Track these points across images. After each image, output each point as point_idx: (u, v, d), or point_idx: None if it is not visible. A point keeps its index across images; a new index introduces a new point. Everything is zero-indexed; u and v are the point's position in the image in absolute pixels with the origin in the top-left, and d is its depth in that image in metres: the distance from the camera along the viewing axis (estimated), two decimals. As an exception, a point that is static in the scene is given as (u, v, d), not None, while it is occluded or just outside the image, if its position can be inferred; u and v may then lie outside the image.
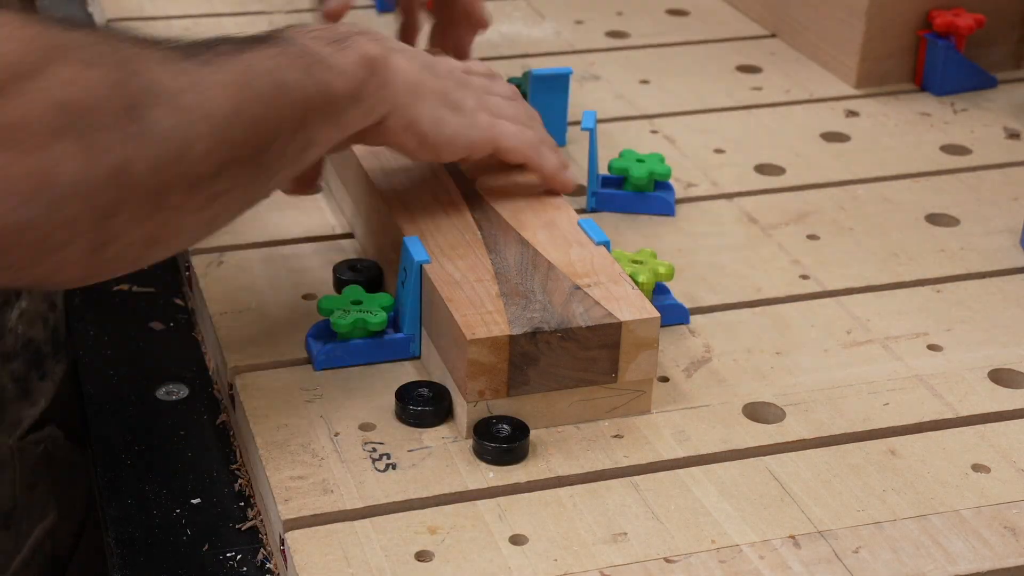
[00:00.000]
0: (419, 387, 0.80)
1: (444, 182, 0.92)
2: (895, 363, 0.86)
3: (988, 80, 1.23)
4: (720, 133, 1.14)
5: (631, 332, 0.77)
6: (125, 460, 0.80)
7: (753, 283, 0.93)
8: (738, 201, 1.04)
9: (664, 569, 0.70)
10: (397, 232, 0.87)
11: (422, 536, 0.71)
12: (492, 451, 0.75)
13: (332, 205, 1.01)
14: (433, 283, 0.80)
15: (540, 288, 0.80)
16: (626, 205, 1.01)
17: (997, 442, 0.79)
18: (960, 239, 1.00)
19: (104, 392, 0.86)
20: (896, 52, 1.23)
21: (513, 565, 0.69)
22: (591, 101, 1.18)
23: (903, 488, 0.75)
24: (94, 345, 0.90)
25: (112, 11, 1.31)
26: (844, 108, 1.19)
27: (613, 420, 0.79)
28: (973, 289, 0.94)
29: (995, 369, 0.86)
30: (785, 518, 0.73)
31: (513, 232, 0.86)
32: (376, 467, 0.75)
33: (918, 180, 1.08)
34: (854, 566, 0.70)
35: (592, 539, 0.71)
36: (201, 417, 0.84)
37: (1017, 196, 1.06)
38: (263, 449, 0.76)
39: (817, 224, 1.01)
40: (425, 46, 1.12)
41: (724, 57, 1.29)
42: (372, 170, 0.93)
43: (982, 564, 0.71)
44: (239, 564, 0.73)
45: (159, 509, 0.76)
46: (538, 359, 0.76)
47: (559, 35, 1.32)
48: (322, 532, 0.71)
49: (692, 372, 0.84)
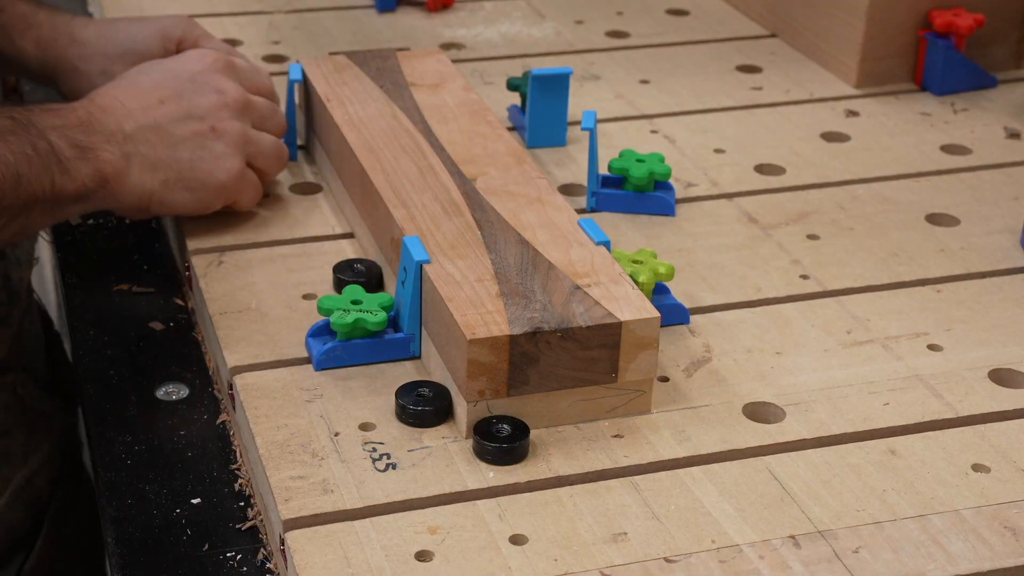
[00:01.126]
0: (419, 387, 0.80)
1: (444, 182, 0.92)
2: (895, 363, 0.86)
3: (988, 80, 1.23)
4: (720, 133, 1.14)
5: (631, 332, 0.77)
6: (125, 460, 0.80)
7: (753, 283, 0.93)
8: (738, 201, 1.04)
9: (664, 569, 0.70)
10: (397, 232, 0.87)
11: (422, 536, 0.71)
12: (492, 451, 0.75)
13: (332, 205, 1.01)
14: (433, 283, 0.80)
15: (540, 288, 0.80)
16: (626, 205, 1.01)
17: (997, 442, 0.79)
18: (960, 239, 1.00)
19: (104, 392, 0.86)
20: (896, 52, 1.23)
21: (513, 565, 0.69)
22: (591, 101, 1.18)
23: (903, 488, 0.75)
24: (94, 345, 0.90)
25: (112, 11, 1.31)
26: (844, 108, 1.19)
27: (613, 420, 0.79)
28: (973, 289, 0.94)
29: (995, 369, 0.85)
30: (785, 518, 0.73)
31: (513, 232, 0.86)
32: (376, 467, 0.75)
33: (918, 180, 1.08)
34: (854, 566, 0.70)
35: (592, 539, 0.71)
36: (201, 417, 0.84)
37: (1017, 196, 1.06)
38: (263, 449, 0.76)
39: (817, 224, 1.01)
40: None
41: (724, 57, 1.29)
42: (372, 170, 0.93)
43: (982, 564, 0.71)
44: (239, 564, 0.73)
45: (159, 509, 0.76)
46: (538, 359, 0.76)
47: (559, 35, 1.32)
48: (322, 532, 0.71)
49: (692, 372, 0.84)
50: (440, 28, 1.33)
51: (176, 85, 0.94)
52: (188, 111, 0.93)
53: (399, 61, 1.09)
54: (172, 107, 0.92)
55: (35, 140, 0.85)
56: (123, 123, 0.90)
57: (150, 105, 0.92)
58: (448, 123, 0.99)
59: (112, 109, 0.91)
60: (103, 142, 0.89)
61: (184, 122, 0.92)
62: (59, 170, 0.86)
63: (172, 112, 0.92)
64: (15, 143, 0.84)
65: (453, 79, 1.06)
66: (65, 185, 0.86)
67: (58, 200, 0.86)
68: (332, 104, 1.01)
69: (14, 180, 0.83)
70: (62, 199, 0.87)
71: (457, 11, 1.37)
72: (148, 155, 0.91)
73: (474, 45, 1.29)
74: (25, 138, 0.85)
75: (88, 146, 0.88)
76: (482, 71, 1.23)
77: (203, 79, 0.94)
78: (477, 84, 1.20)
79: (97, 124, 0.89)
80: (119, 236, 1.03)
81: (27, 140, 0.85)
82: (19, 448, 1.06)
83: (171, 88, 0.93)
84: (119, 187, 0.90)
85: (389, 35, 1.30)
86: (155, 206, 0.92)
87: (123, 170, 0.89)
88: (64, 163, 0.86)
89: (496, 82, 1.20)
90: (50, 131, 0.87)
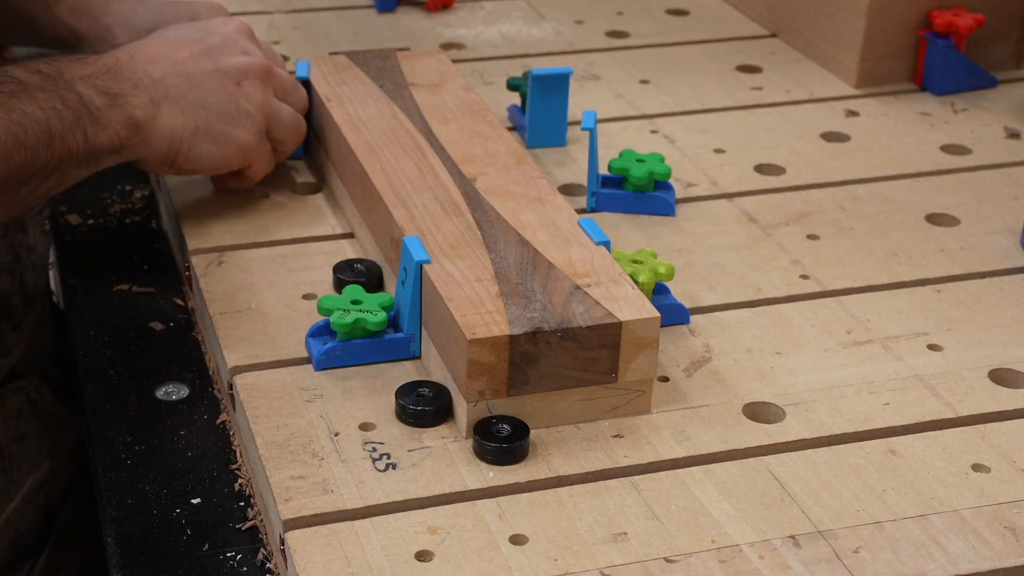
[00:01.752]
0: (419, 387, 0.80)
1: (444, 182, 0.92)
2: (895, 363, 0.86)
3: (988, 80, 1.23)
4: (720, 133, 1.14)
5: (631, 332, 0.77)
6: (125, 460, 0.80)
7: (753, 283, 0.93)
8: (738, 201, 1.04)
9: (664, 569, 0.70)
10: (397, 232, 0.87)
11: (422, 536, 0.71)
12: (492, 451, 0.75)
13: (332, 205, 1.01)
14: (433, 283, 0.80)
15: (540, 288, 0.80)
16: (626, 205, 1.01)
17: (997, 442, 0.79)
18: (960, 239, 1.00)
19: (104, 392, 0.86)
20: (896, 52, 1.23)
21: (513, 565, 0.69)
22: (591, 101, 1.18)
23: (903, 488, 0.75)
24: (94, 345, 0.90)
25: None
26: (844, 108, 1.19)
27: (613, 420, 0.79)
28: (973, 289, 0.94)
29: (995, 369, 0.85)
30: (785, 518, 0.73)
31: (513, 232, 0.86)
32: (376, 467, 0.75)
33: (918, 180, 1.08)
34: (854, 566, 0.70)
35: (592, 539, 0.71)
36: (201, 417, 0.84)
37: (1017, 196, 1.06)
38: (263, 449, 0.76)
39: (817, 224, 1.01)
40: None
41: (724, 57, 1.29)
42: (372, 170, 0.93)
43: (982, 564, 0.71)
44: (239, 564, 0.73)
45: (159, 509, 0.76)
46: (538, 359, 0.76)
47: (559, 35, 1.32)
48: (322, 532, 0.71)
49: (692, 372, 0.84)
50: (440, 28, 1.33)
51: (206, 40, 0.94)
52: (216, 65, 0.93)
53: (399, 61, 1.09)
54: (202, 60, 0.93)
55: (64, 93, 0.84)
56: (151, 69, 0.90)
57: (179, 56, 0.92)
58: (448, 123, 0.99)
59: (141, 56, 0.91)
60: (131, 88, 0.88)
61: (213, 75, 0.93)
62: (91, 120, 0.85)
63: (201, 64, 0.93)
64: (44, 99, 0.83)
65: (453, 79, 1.06)
66: (98, 136, 0.86)
67: (93, 153, 0.86)
68: (332, 104, 1.01)
69: (47, 137, 0.82)
70: (97, 151, 0.86)
71: (457, 11, 1.37)
72: (178, 100, 0.91)
73: (474, 45, 1.29)
74: (54, 92, 0.84)
75: (118, 92, 0.87)
76: (482, 71, 1.23)
77: (231, 39, 0.95)
78: (477, 84, 1.20)
79: (126, 70, 0.89)
80: (119, 236, 1.03)
81: (56, 94, 0.84)
82: (32, 453, 1.06)
83: (200, 44, 0.94)
84: (151, 133, 0.89)
85: (389, 35, 1.30)
86: (182, 157, 0.92)
87: (153, 115, 0.89)
88: (95, 113, 0.86)
89: (496, 82, 1.20)
90: (79, 81, 0.86)
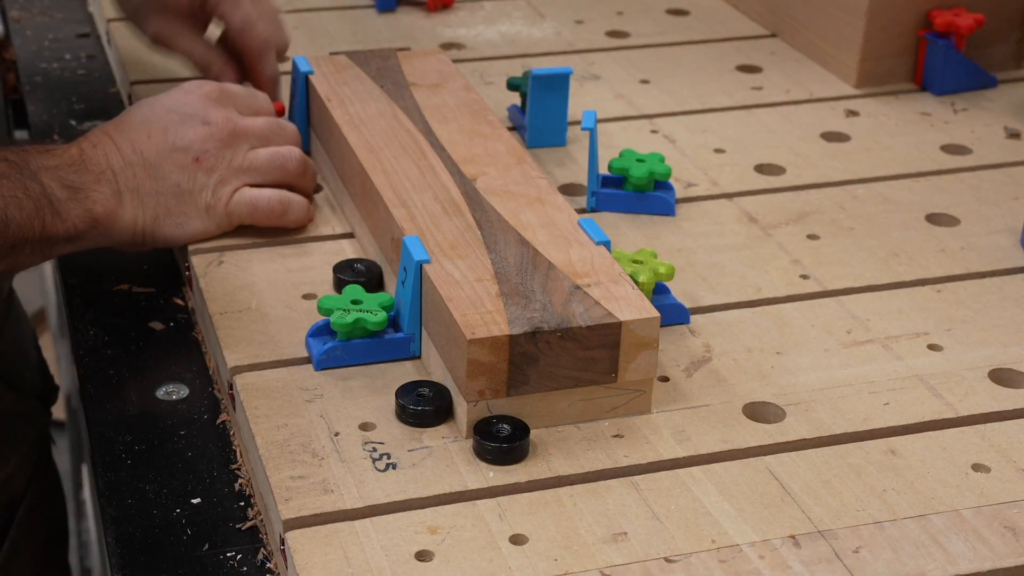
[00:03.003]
0: (419, 387, 0.80)
1: (444, 182, 0.92)
2: (895, 363, 0.86)
3: (988, 80, 1.23)
4: (720, 133, 1.14)
5: (631, 332, 0.77)
6: (125, 460, 0.80)
7: (753, 283, 0.93)
8: (738, 201, 1.04)
9: (664, 569, 0.70)
10: (397, 232, 0.87)
11: (422, 536, 0.71)
12: (492, 451, 0.75)
13: (332, 205, 1.01)
14: (433, 283, 0.80)
15: (540, 288, 0.80)
16: (626, 205, 1.01)
17: (997, 442, 0.79)
18: (960, 239, 1.00)
19: (104, 392, 0.86)
20: (896, 52, 1.23)
21: (513, 565, 0.69)
22: (591, 101, 1.18)
23: (903, 488, 0.75)
24: (94, 345, 0.90)
25: (112, 11, 1.31)
26: (844, 108, 1.19)
27: (613, 420, 0.79)
28: (973, 289, 0.94)
29: (995, 369, 0.86)
30: (785, 518, 0.73)
31: (513, 232, 0.86)
32: (376, 467, 0.75)
33: (918, 180, 1.08)
34: (854, 566, 0.70)
35: (592, 539, 0.71)
36: (201, 417, 0.84)
37: (1017, 196, 1.06)
38: (263, 449, 0.76)
39: (817, 224, 1.01)
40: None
41: (724, 57, 1.29)
42: (372, 170, 0.93)
43: (982, 564, 0.71)
44: (239, 564, 0.73)
45: (159, 509, 0.76)
46: (538, 359, 0.76)
47: (559, 35, 1.32)
48: (322, 532, 0.71)
49: (692, 372, 0.84)
50: (440, 28, 1.33)
51: (164, 118, 0.94)
52: (173, 143, 0.93)
53: (399, 61, 1.09)
54: (158, 140, 0.93)
55: (28, 183, 0.86)
56: (113, 160, 0.91)
57: (138, 140, 0.93)
58: (448, 123, 0.99)
59: (103, 146, 0.92)
60: (93, 181, 0.90)
61: (169, 155, 0.93)
62: (50, 212, 0.87)
63: (158, 145, 0.93)
64: (7, 187, 0.85)
65: (453, 79, 1.06)
66: (55, 226, 0.87)
67: (48, 241, 0.87)
68: (332, 104, 1.01)
69: (2, 224, 0.84)
70: (52, 239, 0.88)
71: (457, 11, 1.37)
72: (137, 190, 0.92)
73: (474, 45, 1.29)
74: (18, 180, 0.86)
75: (79, 186, 0.89)
76: (482, 71, 1.23)
77: (191, 111, 0.95)
78: (477, 84, 1.20)
79: (89, 162, 0.90)
80: (119, 236, 1.03)
81: (20, 183, 0.86)
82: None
83: (159, 122, 0.94)
84: (111, 225, 0.90)
85: (389, 35, 1.30)
86: (149, 240, 0.93)
87: (114, 208, 0.90)
88: (55, 204, 0.87)
89: (496, 82, 1.20)
90: (43, 172, 0.88)
